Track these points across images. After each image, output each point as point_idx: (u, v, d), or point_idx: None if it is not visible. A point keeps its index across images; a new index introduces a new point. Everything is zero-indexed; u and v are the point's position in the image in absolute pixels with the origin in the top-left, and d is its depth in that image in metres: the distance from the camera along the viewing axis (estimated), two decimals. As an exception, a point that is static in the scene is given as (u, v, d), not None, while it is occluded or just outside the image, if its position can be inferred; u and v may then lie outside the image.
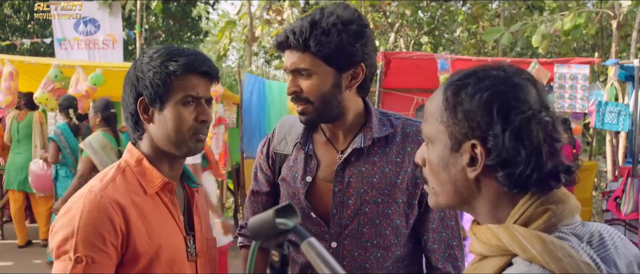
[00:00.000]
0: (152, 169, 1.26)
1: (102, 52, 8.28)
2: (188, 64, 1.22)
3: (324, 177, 1.44)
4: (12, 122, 5.80)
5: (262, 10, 10.03)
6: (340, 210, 1.41)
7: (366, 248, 1.40)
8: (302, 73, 1.36)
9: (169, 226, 1.26)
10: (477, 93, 0.83)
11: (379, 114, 1.48)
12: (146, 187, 1.25)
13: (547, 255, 0.76)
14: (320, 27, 1.32)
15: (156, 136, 1.26)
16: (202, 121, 1.26)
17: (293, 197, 1.45)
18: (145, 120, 1.26)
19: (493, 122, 0.81)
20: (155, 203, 1.25)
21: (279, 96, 5.88)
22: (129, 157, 1.28)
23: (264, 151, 1.58)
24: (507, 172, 0.82)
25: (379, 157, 1.42)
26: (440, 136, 0.88)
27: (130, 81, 1.27)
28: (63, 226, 1.15)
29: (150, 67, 1.23)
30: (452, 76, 0.90)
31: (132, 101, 1.26)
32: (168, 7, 12.77)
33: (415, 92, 6.56)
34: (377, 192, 1.40)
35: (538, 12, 10.69)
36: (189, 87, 1.23)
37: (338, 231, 1.41)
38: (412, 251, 1.47)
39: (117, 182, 1.22)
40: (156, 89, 1.22)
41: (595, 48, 11.07)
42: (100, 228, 1.13)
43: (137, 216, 1.19)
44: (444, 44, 14.17)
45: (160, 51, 1.26)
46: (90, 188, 1.19)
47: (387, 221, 1.40)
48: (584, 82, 5.72)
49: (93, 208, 1.14)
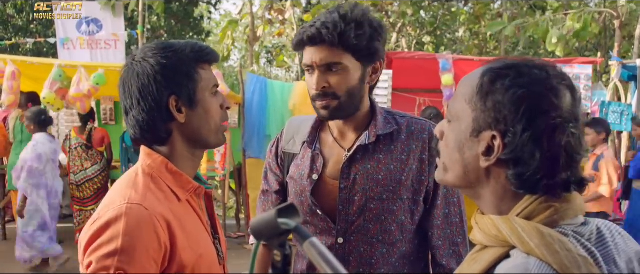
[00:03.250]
0: (181, 174, 1.18)
1: (104, 52, 8.30)
2: (209, 54, 1.20)
3: (331, 175, 1.45)
4: (16, 123, 5.79)
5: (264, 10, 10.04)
6: (346, 207, 1.42)
7: (372, 244, 1.42)
8: (333, 68, 1.36)
9: (203, 233, 1.21)
10: (512, 88, 0.82)
11: (385, 113, 1.49)
12: (179, 194, 1.17)
13: (544, 248, 0.76)
14: (353, 21, 1.33)
15: (190, 133, 1.18)
16: (226, 108, 1.24)
17: (300, 195, 1.47)
18: (180, 118, 1.17)
19: (516, 119, 0.81)
20: (188, 210, 1.19)
21: (281, 95, 5.88)
22: (152, 161, 1.18)
23: (273, 151, 1.60)
24: (517, 171, 0.82)
25: (384, 154, 1.43)
26: (464, 116, 0.88)
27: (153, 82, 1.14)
28: (104, 241, 1.04)
29: (174, 60, 1.15)
30: (494, 63, 0.89)
31: (163, 102, 1.14)
32: (170, 7, 12.79)
33: (417, 92, 6.55)
34: (382, 189, 1.41)
35: (540, 12, 10.68)
36: (212, 78, 1.21)
37: (344, 228, 1.43)
38: (419, 247, 1.49)
39: (152, 190, 1.13)
40: (191, 84, 1.16)
41: (597, 48, 11.05)
42: (146, 245, 1.05)
43: (178, 227, 1.12)
44: (446, 44, 14.16)
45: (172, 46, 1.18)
46: (128, 199, 1.08)
47: (393, 218, 1.42)
48: (586, 83, 5.71)
49: (140, 224, 1.05)
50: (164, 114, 1.16)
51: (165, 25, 14.17)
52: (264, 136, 5.85)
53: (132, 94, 1.16)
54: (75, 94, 5.30)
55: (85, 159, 5.69)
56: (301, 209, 1.47)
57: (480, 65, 0.92)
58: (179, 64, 1.15)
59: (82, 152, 5.70)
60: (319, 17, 1.37)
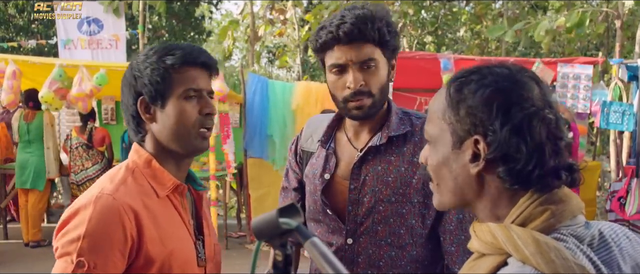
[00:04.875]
0: (162, 171, 1.21)
1: (105, 52, 8.30)
2: (186, 56, 1.19)
3: (342, 175, 1.45)
4: (20, 123, 5.74)
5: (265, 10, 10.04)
6: (356, 207, 1.41)
7: (380, 246, 1.40)
8: (370, 65, 1.34)
9: (180, 231, 1.22)
10: (480, 89, 0.83)
11: (401, 113, 1.48)
12: (158, 190, 1.20)
13: (539, 256, 0.75)
14: (382, 17, 1.33)
15: (160, 135, 1.21)
16: (207, 114, 1.21)
17: (313, 194, 1.48)
18: (148, 120, 1.22)
19: (492, 117, 0.82)
20: (166, 206, 1.21)
21: (282, 95, 5.87)
22: (137, 157, 1.23)
23: (292, 149, 1.61)
24: (507, 167, 0.82)
25: (395, 156, 1.42)
26: (442, 134, 0.88)
27: (128, 82, 1.23)
28: (71, 228, 1.10)
29: (147, 64, 1.19)
30: (455, 74, 0.91)
31: (132, 102, 1.22)
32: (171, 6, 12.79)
33: (418, 92, 6.55)
34: (391, 191, 1.39)
35: (541, 12, 10.66)
36: (189, 80, 1.19)
37: (353, 228, 1.42)
38: (433, 252, 1.45)
39: (128, 184, 1.17)
40: (156, 85, 1.18)
41: (599, 48, 11.04)
42: (110, 234, 1.09)
43: (149, 220, 1.15)
44: (447, 44, 14.15)
45: (155, 48, 1.22)
46: (102, 190, 1.14)
47: (402, 221, 1.40)
48: (587, 82, 5.70)
49: (104, 212, 1.09)
50: (135, 114, 1.22)
51: (167, 25, 14.17)
52: (266, 136, 5.85)
53: (122, 94, 1.25)
54: (77, 94, 5.30)
55: (86, 159, 5.70)
56: (314, 208, 1.47)
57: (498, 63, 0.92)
58: (150, 66, 1.18)
59: (83, 152, 5.71)
60: (337, 15, 1.34)
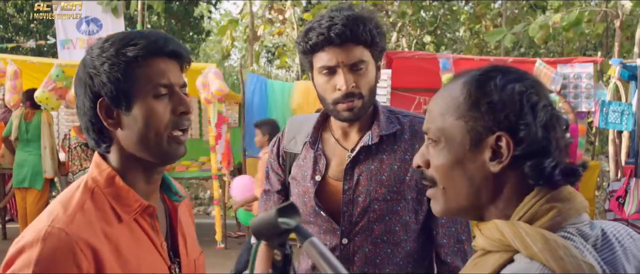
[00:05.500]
0: (127, 190, 1.01)
1: (104, 51, 8.28)
2: (149, 46, 0.98)
3: (334, 176, 1.45)
4: (20, 122, 5.74)
5: (264, 10, 10.04)
6: (350, 208, 1.41)
7: (376, 244, 1.41)
8: (360, 67, 1.35)
9: (150, 257, 1.04)
10: (508, 84, 0.82)
11: (387, 112, 1.48)
12: (121, 213, 1.01)
13: (548, 253, 0.75)
14: (370, 18, 1.34)
15: (127, 143, 1.01)
16: (181, 113, 1.02)
17: (303, 196, 1.46)
18: (111, 126, 1.00)
19: (524, 112, 0.81)
20: (132, 231, 1.02)
21: (281, 95, 5.88)
22: (98, 173, 1.02)
23: (274, 150, 1.58)
24: (535, 162, 0.81)
25: (387, 154, 1.42)
26: (455, 131, 0.85)
27: (82, 81, 1.00)
28: (17, 268, 0.91)
29: (104, 58, 0.97)
30: (471, 73, 0.88)
31: (89, 106, 1.00)
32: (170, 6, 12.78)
33: (418, 91, 6.55)
34: (386, 189, 1.40)
35: (541, 12, 10.67)
36: (157, 75, 0.99)
37: (348, 228, 1.42)
38: (423, 246, 1.48)
39: (85, 210, 0.97)
40: (116, 84, 0.97)
41: (598, 47, 11.04)
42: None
43: (110, 253, 0.96)
44: (446, 44, 14.15)
45: (113, 38, 1.00)
46: (52, 222, 0.94)
47: (397, 218, 1.41)
48: (588, 81, 5.71)
49: (55, 252, 0.91)
50: (95, 120, 1.01)
51: (165, 24, 14.16)
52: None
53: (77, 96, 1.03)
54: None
55: (85, 159, 5.69)
56: (304, 210, 1.46)
57: (481, 65, 0.91)
58: (108, 61, 0.97)
59: (82, 152, 5.70)
60: (325, 16, 1.33)
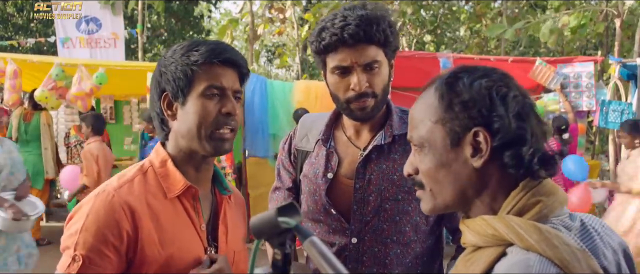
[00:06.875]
0: (175, 172, 1.19)
1: (103, 50, 8.30)
2: (210, 52, 1.15)
3: (345, 174, 1.44)
4: (20, 122, 5.75)
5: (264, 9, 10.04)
6: (361, 207, 1.41)
7: (386, 244, 1.41)
8: (374, 67, 1.35)
9: (188, 233, 1.18)
10: (475, 81, 0.86)
11: (399, 112, 1.48)
12: (167, 190, 1.18)
13: (544, 243, 0.77)
14: (386, 19, 1.34)
15: (179, 133, 1.19)
16: (226, 113, 1.16)
17: (314, 194, 1.46)
18: (169, 116, 1.20)
19: (495, 104, 0.84)
20: (175, 209, 1.18)
21: (282, 94, 5.87)
22: (155, 157, 1.22)
23: (285, 148, 1.59)
24: (515, 151, 0.84)
25: (399, 154, 1.42)
26: (435, 135, 0.89)
27: (155, 78, 1.22)
28: (72, 222, 1.12)
29: (172, 60, 1.17)
30: (439, 76, 0.92)
31: (156, 98, 1.21)
32: (170, 5, 12.78)
33: (417, 91, 6.45)
34: (397, 189, 1.40)
35: (541, 11, 10.67)
36: (212, 77, 1.15)
37: (358, 228, 1.42)
38: (432, 247, 1.48)
39: (134, 183, 1.16)
40: (178, 81, 1.16)
41: (598, 47, 11.04)
42: (104, 230, 1.09)
43: (150, 220, 1.13)
44: (446, 43, 14.15)
45: (184, 44, 1.20)
46: (106, 186, 1.15)
47: (407, 218, 1.41)
48: (589, 80, 5.71)
49: (101, 208, 1.10)
50: (159, 111, 1.21)
51: (165, 24, 14.16)
52: (268, 134, 5.84)
53: (151, 90, 1.25)
54: (77, 93, 5.29)
55: (85, 158, 5.68)
56: (314, 208, 1.46)
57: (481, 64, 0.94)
58: (175, 63, 1.17)
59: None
60: (338, 16, 1.32)
